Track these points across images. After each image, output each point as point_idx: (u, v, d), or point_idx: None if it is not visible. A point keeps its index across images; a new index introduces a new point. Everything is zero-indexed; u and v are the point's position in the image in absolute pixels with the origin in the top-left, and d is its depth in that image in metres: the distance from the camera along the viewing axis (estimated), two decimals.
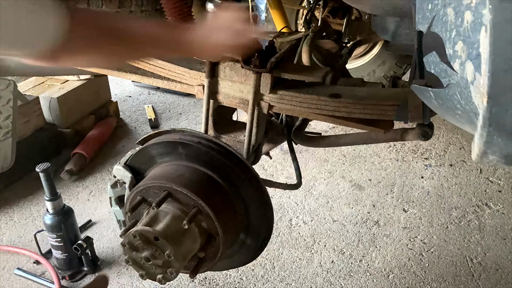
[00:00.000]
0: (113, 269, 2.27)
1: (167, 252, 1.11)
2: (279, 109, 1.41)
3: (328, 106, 1.33)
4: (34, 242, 2.30)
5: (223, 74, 1.40)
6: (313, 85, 1.38)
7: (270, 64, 1.31)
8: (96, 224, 2.59)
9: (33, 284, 2.19)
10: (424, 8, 0.83)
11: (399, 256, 2.33)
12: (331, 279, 2.20)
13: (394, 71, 3.46)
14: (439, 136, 3.36)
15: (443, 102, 0.86)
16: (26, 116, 2.93)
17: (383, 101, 1.30)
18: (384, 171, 3.01)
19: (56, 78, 3.39)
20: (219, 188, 1.23)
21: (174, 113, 3.91)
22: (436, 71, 0.83)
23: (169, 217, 1.17)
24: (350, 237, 2.46)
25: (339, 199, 2.75)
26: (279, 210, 2.65)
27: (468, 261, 2.29)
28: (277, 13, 2.56)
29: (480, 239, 2.42)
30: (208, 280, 2.20)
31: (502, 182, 2.85)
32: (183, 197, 1.19)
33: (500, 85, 0.69)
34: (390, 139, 1.58)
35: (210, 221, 1.18)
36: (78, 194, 2.84)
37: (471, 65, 0.72)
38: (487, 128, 0.74)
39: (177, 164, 1.27)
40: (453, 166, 3.05)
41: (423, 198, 2.75)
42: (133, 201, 1.25)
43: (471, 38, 0.71)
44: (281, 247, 2.40)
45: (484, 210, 2.63)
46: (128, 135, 3.56)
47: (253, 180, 1.25)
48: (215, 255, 1.24)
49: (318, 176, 2.98)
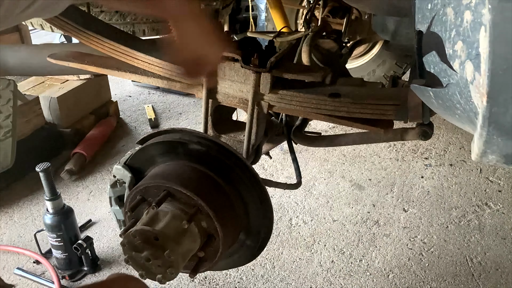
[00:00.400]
0: (113, 269, 2.27)
1: (167, 252, 1.11)
2: (279, 108, 1.41)
3: (328, 105, 1.33)
4: (34, 241, 2.30)
5: (223, 73, 1.40)
6: (313, 84, 1.38)
7: (270, 64, 1.31)
8: (96, 224, 2.59)
9: (33, 283, 2.19)
10: (424, 8, 0.83)
11: (399, 255, 2.33)
12: (331, 279, 2.20)
13: (394, 71, 3.46)
14: (439, 136, 3.36)
15: (443, 101, 0.86)
16: (26, 115, 2.93)
17: (383, 101, 1.30)
18: (384, 170, 3.01)
19: (56, 78, 3.39)
20: (218, 188, 1.23)
21: (174, 113, 3.91)
22: (436, 71, 0.83)
23: (169, 217, 1.17)
24: (350, 237, 2.46)
25: (339, 199, 2.75)
26: (279, 210, 2.65)
27: (468, 261, 2.29)
28: (277, 12, 2.57)
29: (480, 238, 2.42)
30: (208, 280, 2.20)
31: (502, 182, 2.85)
32: (183, 196, 1.18)
33: (499, 85, 0.69)
34: (390, 139, 1.58)
35: (210, 220, 1.18)
36: (78, 193, 2.84)
37: (471, 64, 0.72)
38: (486, 128, 0.74)
39: (176, 164, 1.27)
40: (453, 165, 3.05)
41: (423, 198, 2.75)
42: (133, 201, 1.25)
43: (470, 38, 0.71)
44: (281, 247, 2.40)
45: (484, 209, 2.63)
46: (128, 135, 3.56)
47: (253, 179, 1.25)
48: (215, 254, 1.24)
49: (318, 175, 2.98)
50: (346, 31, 2.45)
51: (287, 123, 1.66)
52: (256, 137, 1.44)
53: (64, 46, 2.49)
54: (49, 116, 3.19)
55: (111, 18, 2.19)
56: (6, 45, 2.39)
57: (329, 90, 1.36)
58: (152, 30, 2.24)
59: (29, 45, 3.46)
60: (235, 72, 1.38)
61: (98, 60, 1.58)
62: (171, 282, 1.54)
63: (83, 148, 3.09)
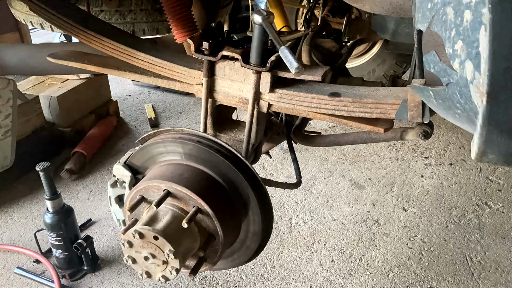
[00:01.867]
0: (113, 268, 2.27)
1: (166, 251, 1.12)
2: (279, 108, 1.41)
3: (328, 105, 1.33)
4: (34, 241, 2.30)
5: (223, 73, 1.39)
6: (313, 84, 1.38)
7: (270, 63, 1.31)
8: (96, 223, 2.59)
9: (33, 283, 2.19)
10: (424, 7, 0.83)
11: (399, 255, 2.33)
12: (331, 278, 2.20)
13: (394, 70, 3.46)
14: (439, 135, 3.36)
15: (443, 101, 0.86)
16: (26, 115, 2.93)
17: (382, 100, 1.30)
18: (384, 170, 3.01)
19: (56, 77, 3.39)
20: (218, 188, 1.24)
21: (174, 112, 3.91)
22: (436, 70, 0.83)
23: (169, 216, 1.17)
24: (350, 236, 2.46)
25: (339, 198, 2.76)
26: (279, 209, 2.65)
27: (468, 260, 2.29)
28: (277, 12, 2.57)
29: (480, 238, 2.42)
30: (208, 279, 2.20)
31: (501, 181, 2.86)
32: (182, 196, 1.19)
33: (499, 84, 0.69)
34: (390, 138, 1.58)
35: (210, 220, 1.19)
36: (78, 193, 2.84)
37: (471, 64, 0.72)
38: (486, 127, 0.74)
39: (176, 164, 1.27)
40: (453, 165, 3.05)
41: (423, 197, 2.75)
42: (133, 200, 1.25)
43: (470, 37, 0.71)
44: (281, 246, 2.40)
45: (483, 209, 2.63)
46: (128, 134, 3.56)
47: (253, 179, 1.25)
48: (215, 254, 1.24)
49: (318, 175, 2.98)
50: (346, 31, 2.45)
51: (287, 122, 1.66)
52: (256, 137, 1.44)
53: (64, 45, 2.49)
54: (49, 115, 3.19)
55: (111, 17, 2.19)
56: (6, 44, 2.39)
57: (329, 90, 1.36)
58: (152, 30, 2.24)
59: (29, 45, 3.46)
60: (235, 72, 1.38)
61: (98, 59, 1.58)
62: (171, 281, 1.54)
63: (83, 148, 3.09)
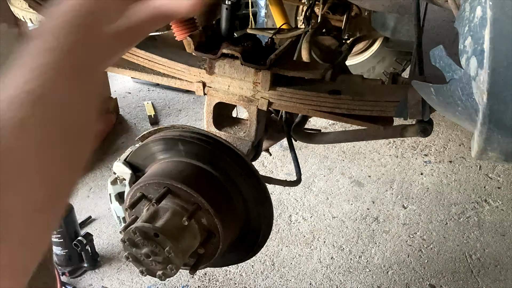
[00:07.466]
0: (113, 265, 2.27)
1: (167, 249, 1.12)
2: (279, 105, 1.41)
3: (328, 102, 1.33)
4: None
5: (223, 71, 1.39)
6: (313, 81, 1.38)
7: (270, 61, 1.31)
8: (96, 221, 2.59)
9: None
10: None
11: (399, 252, 2.33)
12: (330, 275, 2.20)
13: (394, 68, 3.45)
14: (438, 133, 3.36)
15: (444, 98, 0.86)
16: None
17: (382, 98, 1.30)
18: (383, 167, 3.01)
19: None
20: (218, 185, 1.24)
21: (173, 110, 3.91)
22: (441, 65, 0.82)
23: (169, 214, 1.17)
24: (350, 234, 2.46)
25: (339, 196, 2.76)
26: (278, 207, 2.65)
27: (467, 257, 2.29)
28: (277, 9, 2.56)
29: (479, 235, 2.43)
30: (208, 276, 2.20)
31: (501, 179, 2.86)
32: (183, 193, 1.19)
33: (500, 82, 0.69)
34: (389, 136, 1.58)
35: (210, 217, 1.19)
36: (77, 190, 2.84)
37: (475, 60, 0.72)
38: (487, 125, 0.74)
39: (177, 161, 1.27)
40: (453, 162, 3.05)
41: (423, 195, 2.75)
42: (133, 198, 1.25)
43: (478, 34, 0.70)
44: (281, 243, 2.40)
45: (483, 206, 2.64)
46: (128, 132, 3.55)
47: (253, 176, 1.25)
48: (215, 251, 1.24)
49: (318, 172, 2.98)
50: (346, 28, 2.45)
51: (287, 120, 1.66)
52: (256, 134, 1.44)
53: None
54: None
55: None
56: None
57: (329, 87, 1.36)
58: None
59: None
60: (235, 69, 1.38)
61: None
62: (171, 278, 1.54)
63: None
